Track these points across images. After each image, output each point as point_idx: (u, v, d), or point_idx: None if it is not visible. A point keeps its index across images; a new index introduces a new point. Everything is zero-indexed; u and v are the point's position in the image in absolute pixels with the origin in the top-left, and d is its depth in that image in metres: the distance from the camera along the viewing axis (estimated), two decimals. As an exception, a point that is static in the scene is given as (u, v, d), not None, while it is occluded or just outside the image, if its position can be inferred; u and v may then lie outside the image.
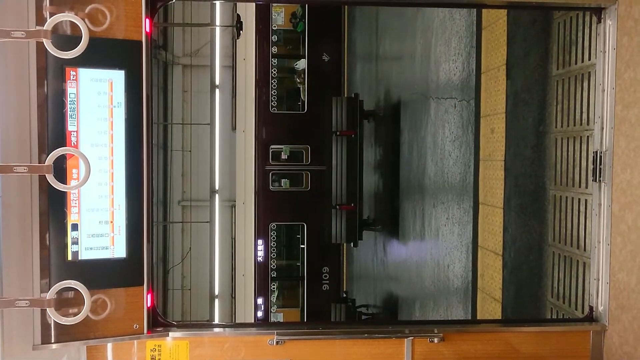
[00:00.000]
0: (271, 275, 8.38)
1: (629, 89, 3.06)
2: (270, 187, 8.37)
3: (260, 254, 8.33)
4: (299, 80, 8.49)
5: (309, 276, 8.49)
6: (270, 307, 8.37)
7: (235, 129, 8.63)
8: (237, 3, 8.38)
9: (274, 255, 8.37)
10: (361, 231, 8.21)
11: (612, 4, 3.15)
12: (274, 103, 8.37)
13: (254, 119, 8.30)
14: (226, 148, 9.03)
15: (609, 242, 3.21)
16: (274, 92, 8.41)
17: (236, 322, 8.62)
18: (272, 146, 8.35)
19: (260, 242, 8.34)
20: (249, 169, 8.39)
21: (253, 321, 8.27)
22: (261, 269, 8.37)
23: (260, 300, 8.32)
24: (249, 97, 8.41)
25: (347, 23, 9.07)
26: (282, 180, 8.39)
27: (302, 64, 8.55)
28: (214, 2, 8.17)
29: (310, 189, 8.41)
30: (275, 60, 8.44)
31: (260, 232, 8.32)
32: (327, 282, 8.52)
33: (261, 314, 8.25)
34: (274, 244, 8.38)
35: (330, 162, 7.90)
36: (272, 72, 8.39)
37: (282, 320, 8.46)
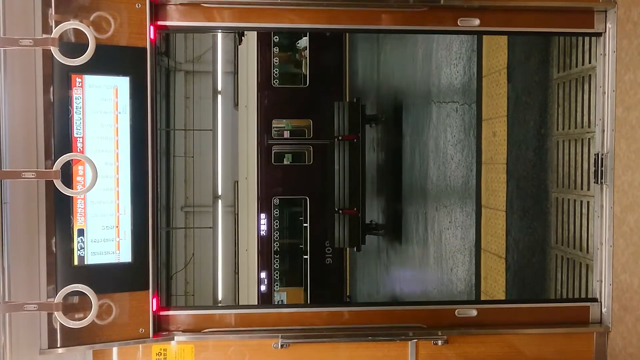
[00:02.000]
0: (274, 249, 8.36)
1: (629, 92, 3.08)
2: (273, 161, 8.37)
3: (263, 228, 8.32)
4: (300, 57, 8.53)
5: (311, 250, 8.47)
6: (274, 285, 8.34)
7: (238, 104, 8.63)
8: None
9: (276, 229, 8.36)
10: (364, 236, 8.22)
11: (612, 7, 3.18)
12: (276, 77, 8.39)
13: (256, 93, 8.31)
14: (228, 153, 9.05)
15: (612, 243, 3.23)
16: (276, 68, 8.42)
17: (239, 295, 8.60)
18: (274, 120, 8.36)
19: (262, 216, 8.33)
20: (252, 144, 8.38)
21: (256, 295, 8.25)
22: (264, 243, 8.36)
23: (263, 275, 8.31)
24: (251, 72, 8.43)
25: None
26: (285, 154, 8.40)
27: (303, 42, 8.57)
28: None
29: (312, 163, 8.41)
30: (277, 38, 8.45)
31: (263, 206, 8.31)
32: (330, 256, 8.49)
33: (264, 289, 8.23)
34: (276, 219, 8.38)
35: (333, 161, 7.90)
36: (274, 49, 8.40)
37: (285, 299, 8.42)
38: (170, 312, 3.18)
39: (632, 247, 3.05)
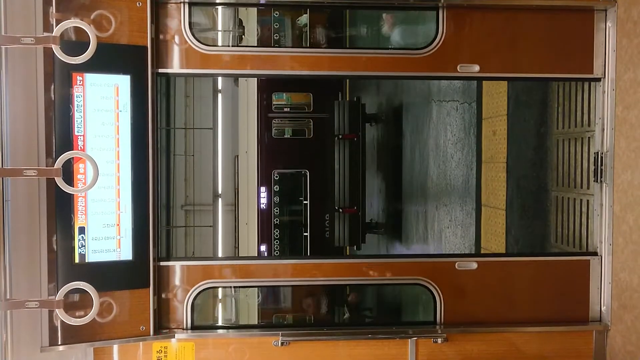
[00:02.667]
0: (274, 222, 8.36)
1: (629, 90, 3.09)
2: (273, 135, 8.38)
3: (264, 201, 8.32)
4: (301, 33, 8.50)
5: (311, 222, 8.47)
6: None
7: (238, 80, 8.61)
8: (239, 6, 8.43)
9: (276, 203, 8.36)
10: (364, 234, 8.22)
11: (612, 6, 3.18)
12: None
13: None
14: (229, 152, 9.06)
15: (611, 242, 3.23)
16: (276, 44, 8.41)
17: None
18: (274, 93, 8.35)
19: (263, 189, 8.33)
20: (252, 117, 8.38)
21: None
22: (264, 217, 8.36)
23: (263, 248, 8.32)
24: (251, 44, 8.46)
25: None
26: (285, 128, 8.39)
27: (304, 19, 8.56)
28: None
29: (313, 137, 8.40)
30: (277, 13, 8.43)
31: (263, 180, 8.33)
32: (329, 229, 8.51)
33: None
34: (277, 194, 8.37)
35: (333, 158, 7.90)
36: (274, 24, 8.40)
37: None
38: (171, 263, 3.19)
39: (632, 245, 3.06)
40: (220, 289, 4.04)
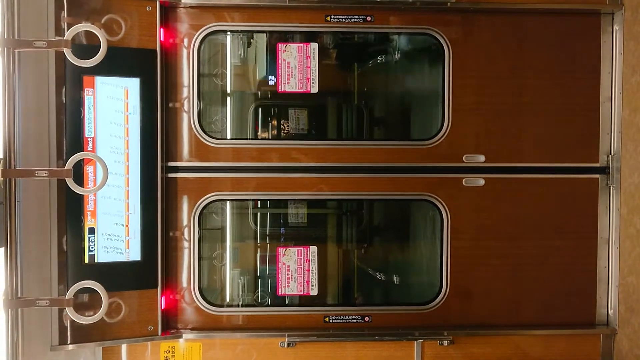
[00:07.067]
0: None
1: (636, 94, 3.09)
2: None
3: None
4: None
5: None
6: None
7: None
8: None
9: None
10: (371, 237, 8.21)
11: (619, 9, 3.19)
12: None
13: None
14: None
15: (618, 245, 3.23)
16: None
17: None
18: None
19: None
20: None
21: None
22: None
23: None
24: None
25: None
26: None
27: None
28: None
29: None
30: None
31: None
32: None
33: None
34: None
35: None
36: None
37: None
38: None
39: (639, 248, 3.06)
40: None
